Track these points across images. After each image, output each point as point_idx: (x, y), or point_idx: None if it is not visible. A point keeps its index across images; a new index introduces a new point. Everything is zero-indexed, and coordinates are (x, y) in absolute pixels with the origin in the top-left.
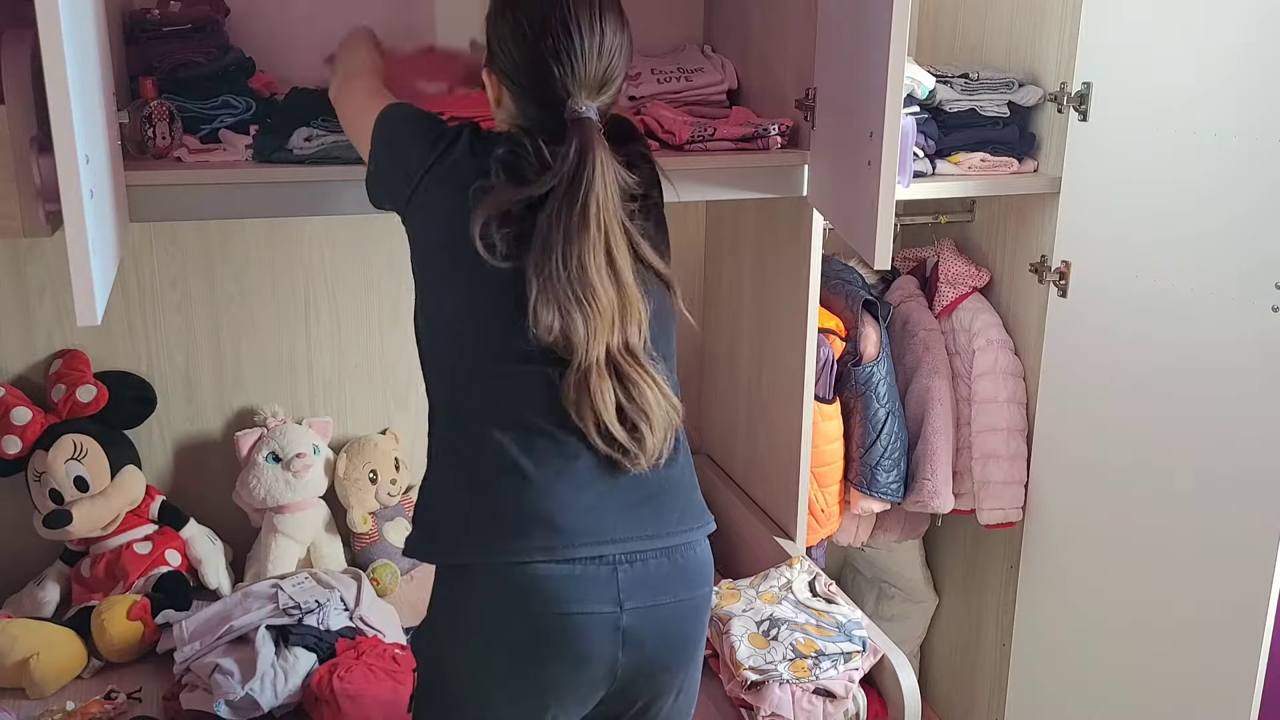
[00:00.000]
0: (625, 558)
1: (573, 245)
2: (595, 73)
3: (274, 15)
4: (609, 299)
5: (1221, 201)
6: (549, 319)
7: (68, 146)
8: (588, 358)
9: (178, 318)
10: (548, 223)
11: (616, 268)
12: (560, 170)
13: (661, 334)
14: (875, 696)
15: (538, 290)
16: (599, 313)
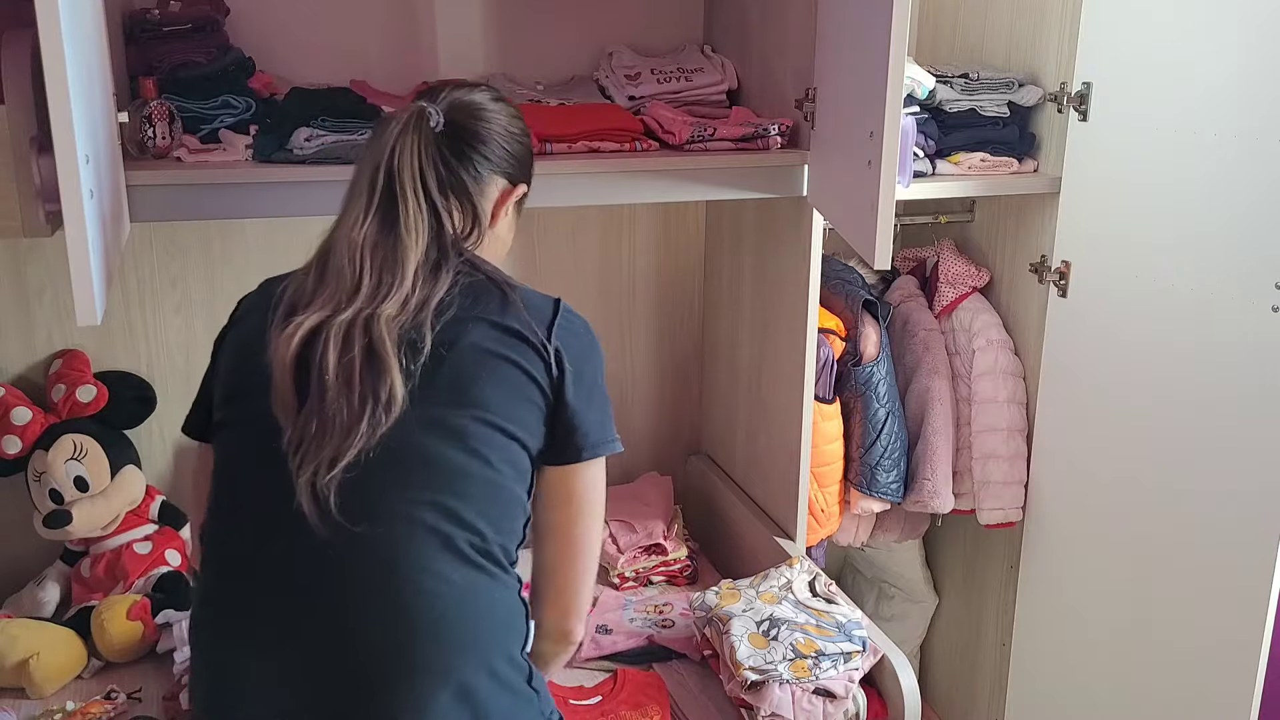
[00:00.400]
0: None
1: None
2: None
3: (274, 15)
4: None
5: (1221, 201)
6: None
7: (68, 146)
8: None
9: (178, 318)
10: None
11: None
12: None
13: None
14: (875, 696)
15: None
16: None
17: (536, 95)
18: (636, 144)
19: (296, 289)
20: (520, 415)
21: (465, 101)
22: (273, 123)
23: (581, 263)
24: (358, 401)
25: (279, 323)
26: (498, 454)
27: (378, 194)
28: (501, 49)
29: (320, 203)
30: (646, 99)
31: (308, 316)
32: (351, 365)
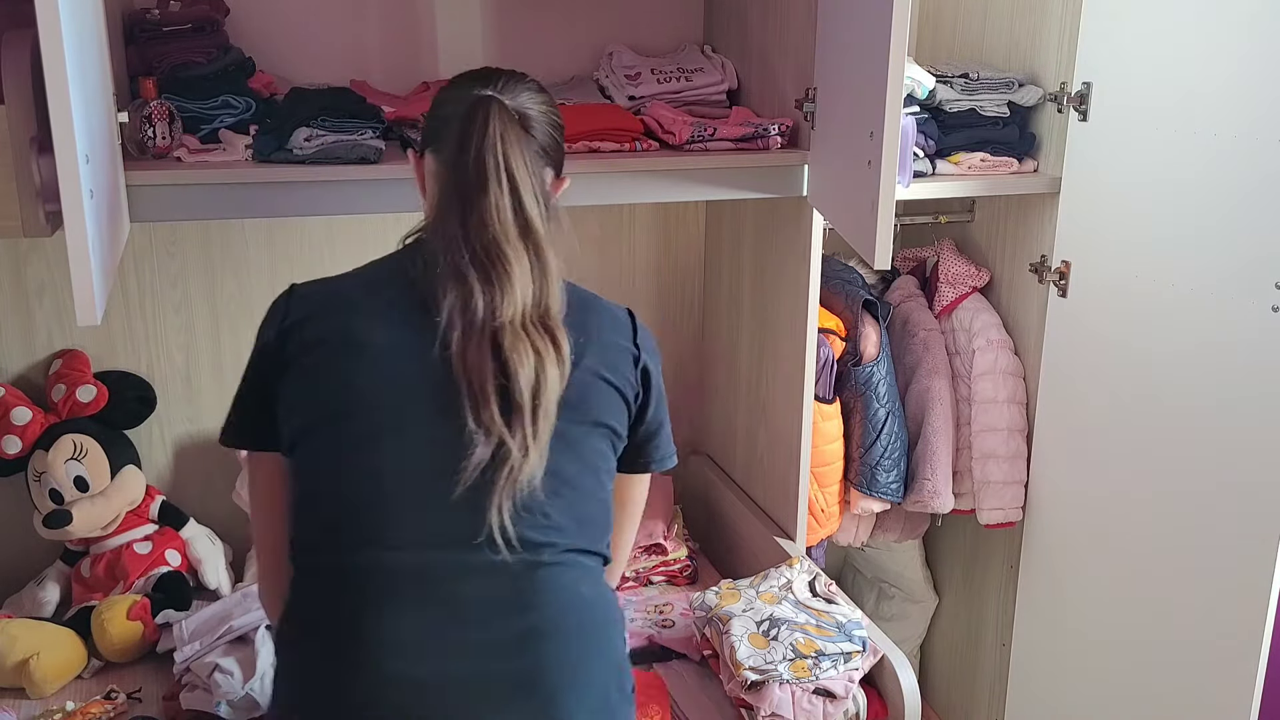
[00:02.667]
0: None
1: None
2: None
3: (274, 15)
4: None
5: (1221, 201)
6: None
7: (68, 146)
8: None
9: (178, 318)
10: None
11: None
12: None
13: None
14: (875, 696)
15: None
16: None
17: None
18: (636, 144)
19: (426, 287)
20: (622, 430)
21: (518, 89)
22: (273, 123)
23: (581, 263)
24: (539, 416)
25: (441, 327)
26: (605, 466)
27: (505, 185)
28: (501, 49)
29: (320, 203)
30: (646, 99)
31: (479, 318)
32: (541, 371)
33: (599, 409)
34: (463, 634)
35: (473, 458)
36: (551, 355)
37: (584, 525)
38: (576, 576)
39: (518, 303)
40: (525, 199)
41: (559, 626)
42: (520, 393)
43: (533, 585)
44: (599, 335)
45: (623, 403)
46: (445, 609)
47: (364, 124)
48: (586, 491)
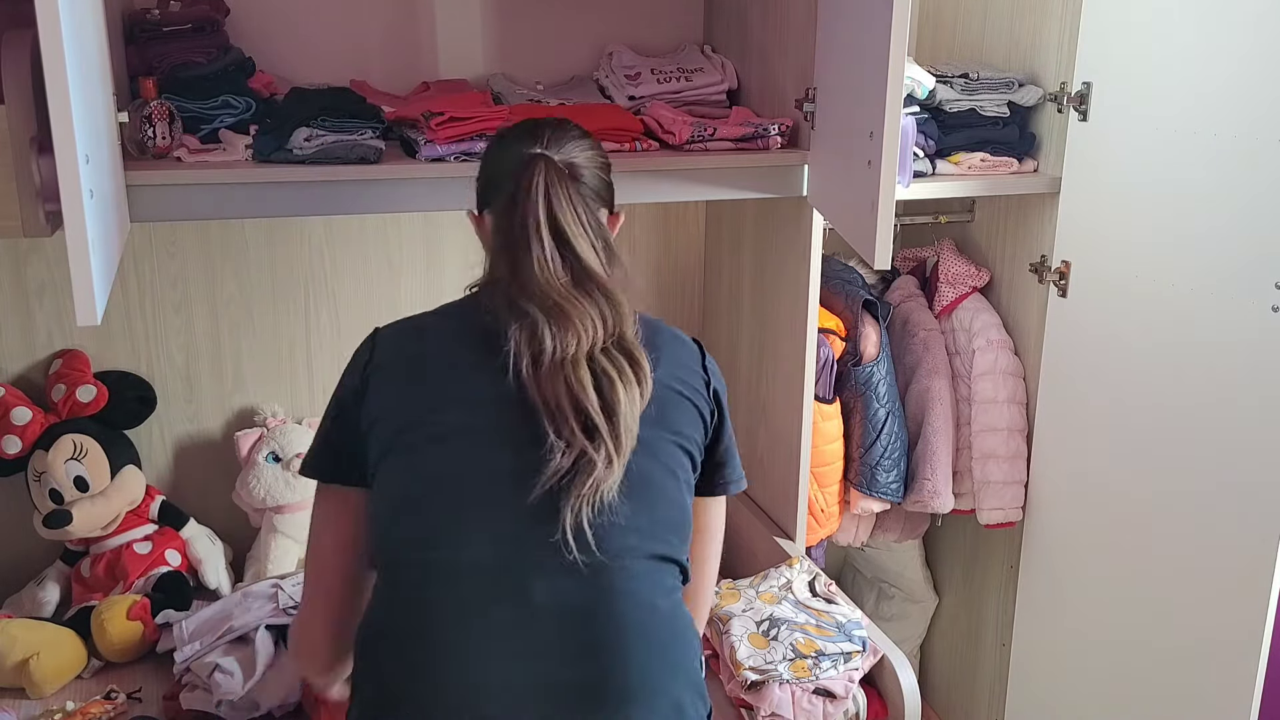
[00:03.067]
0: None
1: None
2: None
3: (274, 15)
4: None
5: (1221, 201)
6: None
7: (68, 146)
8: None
9: (178, 318)
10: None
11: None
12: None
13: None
14: (875, 696)
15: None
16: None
17: (536, 95)
18: (636, 144)
19: (493, 325)
20: (698, 447)
21: (564, 140)
22: (273, 123)
23: None
24: (619, 430)
25: (534, 364)
26: (684, 475)
27: (546, 240)
28: (501, 49)
29: (320, 203)
30: (646, 99)
31: (546, 349)
32: (615, 390)
33: (677, 420)
34: (530, 638)
35: (551, 464)
36: (630, 374)
37: (661, 527)
38: (651, 586)
39: (585, 338)
40: (579, 248)
41: (626, 637)
42: (597, 409)
43: (604, 593)
44: (670, 353)
45: (699, 417)
46: (515, 611)
47: (364, 124)
48: (665, 494)
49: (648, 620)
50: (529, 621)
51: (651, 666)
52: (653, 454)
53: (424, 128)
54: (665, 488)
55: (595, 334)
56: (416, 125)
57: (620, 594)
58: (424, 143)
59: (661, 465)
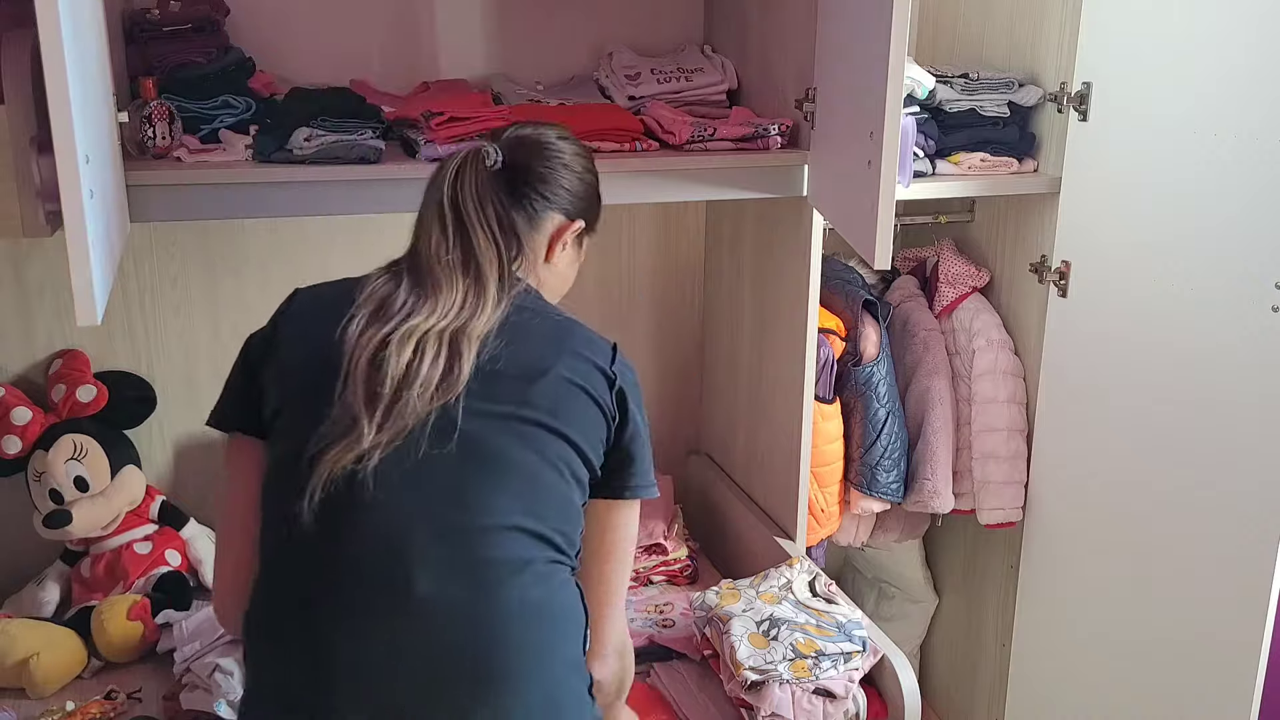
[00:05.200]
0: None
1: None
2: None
3: (274, 15)
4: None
5: (1221, 201)
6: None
7: (68, 146)
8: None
9: (178, 318)
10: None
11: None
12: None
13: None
14: (875, 696)
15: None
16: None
17: (536, 95)
18: (636, 144)
19: (386, 295)
20: (593, 440)
21: (528, 138)
22: (273, 123)
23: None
24: (426, 404)
25: (368, 323)
26: (570, 470)
27: (449, 226)
28: (501, 49)
29: (320, 203)
30: (646, 99)
31: (415, 322)
32: (434, 374)
33: (570, 416)
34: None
35: (319, 430)
36: (440, 364)
37: (537, 513)
38: (521, 577)
39: (436, 316)
40: (474, 237)
41: (489, 629)
42: (383, 382)
43: (468, 589)
44: (573, 351)
45: (600, 416)
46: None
47: (364, 124)
48: (544, 483)
49: (519, 612)
50: (390, 613)
51: (519, 660)
52: (535, 445)
53: (424, 128)
54: (544, 478)
55: (448, 317)
56: (416, 125)
57: (487, 589)
58: (424, 143)
59: (543, 458)
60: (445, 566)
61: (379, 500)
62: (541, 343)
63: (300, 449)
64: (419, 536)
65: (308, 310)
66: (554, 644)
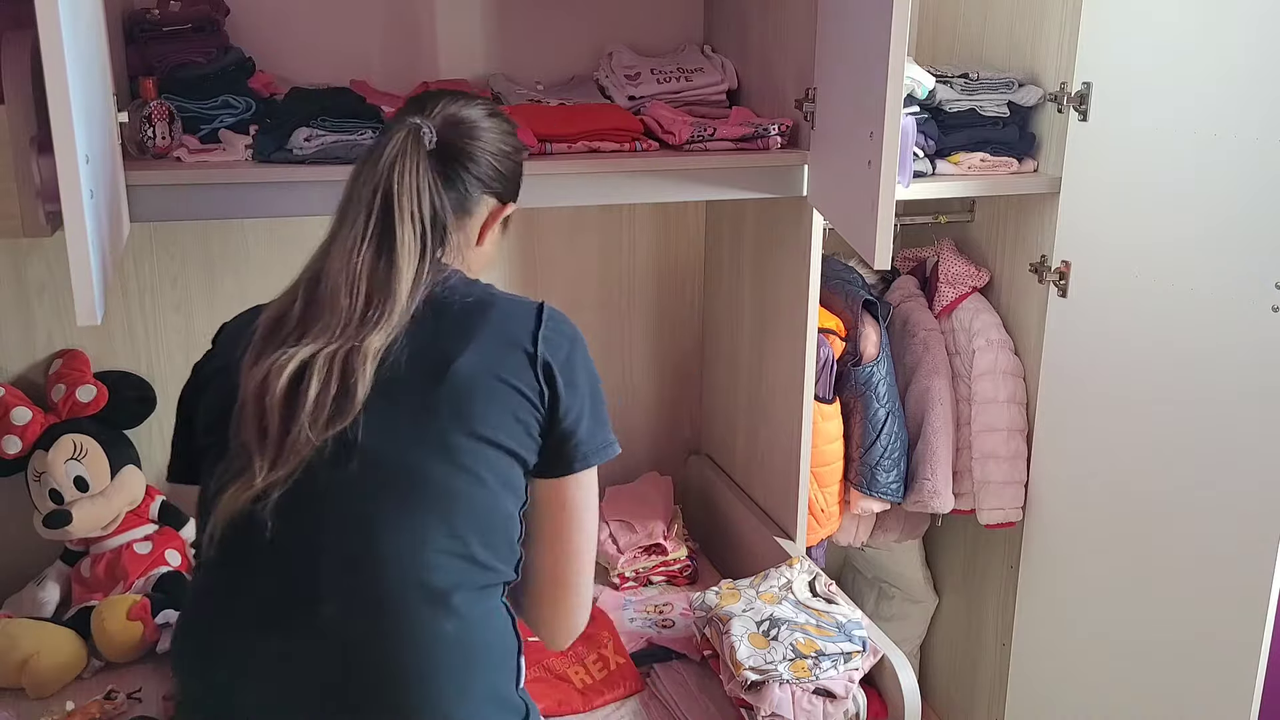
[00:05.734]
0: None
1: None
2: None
3: (274, 15)
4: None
5: (1221, 201)
6: None
7: (68, 146)
8: None
9: (178, 318)
10: None
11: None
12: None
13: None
14: (875, 696)
15: None
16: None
17: (536, 95)
18: (636, 144)
19: (279, 315)
20: (514, 431)
21: (459, 117)
22: (273, 123)
23: (581, 263)
24: (320, 433)
25: (261, 350)
26: (491, 472)
27: (374, 217)
28: (501, 49)
29: (320, 203)
30: (646, 99)
31: (300, 349)
32: (324, 401)
33: (484, 415)
34: (290, 670)
35: (218, 468)
36: (331, 388)
37: (463, 537)
38: (434, 608)
39: (326, 337)
40: (398, 228)
41: (398, 669)
42: (269, 416)
43: (376, 623)
44: (488, 337)
45: (523, 401)
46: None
47: (364, 124)
48: (464, 500)
49: (429, 646)
50: (292, 648)
51: (430, 695)
52: (449, 456)
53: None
54: (461, 490)
55: (341, 336)
56: None
57: (397, 619)
58: None
59: (469, 475)
60: (352, 598)
61: (280, 537)
62: (450, 334)
63: (207, 487)
64: (324, 569)
65: (224, 344)
66: (470, 679)
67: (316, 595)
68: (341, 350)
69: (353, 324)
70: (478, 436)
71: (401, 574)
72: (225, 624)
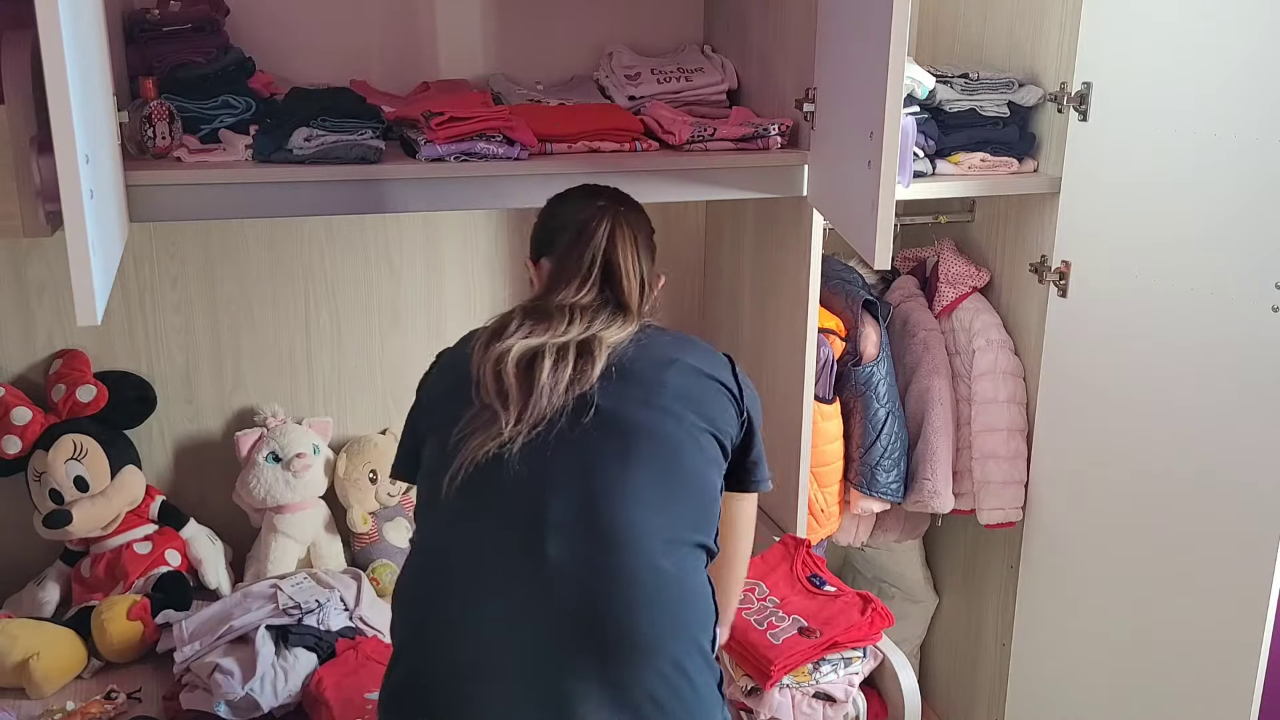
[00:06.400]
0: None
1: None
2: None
3: (274, 15)
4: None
5: (1221, 201)
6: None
7: (68, 146)
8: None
9: (178, 318)
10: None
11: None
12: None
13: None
14: (875, 697)
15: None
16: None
17: (536, 95)
18: (636, 144)
19: (499, 328)
20: (725, 425)
21: (627, 202)
22: (273, 123)
23: None
24: (562, 395)
25: (489, 343)
26: (708, 446)
27: (595, 273)
28: (501, 49)
29: (319, 202)
30: (646, 99)
31: (529, 339)
32: (562, 372)
33: (710, 407)
34: (527, 591)
35: (458, 425)
36: (568, 365)
37: (678, 496)
38: (655, 546)
39: (553, 332)
40: (624, 284)
41: (625, 591)
42: (513, 379)
43: (602, 551)
44: (701, 353)
45: (734, 414)
46: (513, 566)
47: (364, 124)
48: (685, 464)
49: (649, 579)
50: (528, 575)
51: (648, 623)
52: (675, 421)
53: (424, 128)
54: (687, 459)
55: (570, 331)
56: (416, 125)
57: (620, 551)
58: (424, 143)
59: (690, 439)
60: (579, 531)
61: (520, 474)
62: (668, 345)
63: (444, 441)
64: (554, 509)
65: (447, 365)
66: (684, 622)
67: (549, 532)
68: (576, 338)
69: (586, 325)
70: (700, 414)
71: (626, 516)
72: (466, 560)
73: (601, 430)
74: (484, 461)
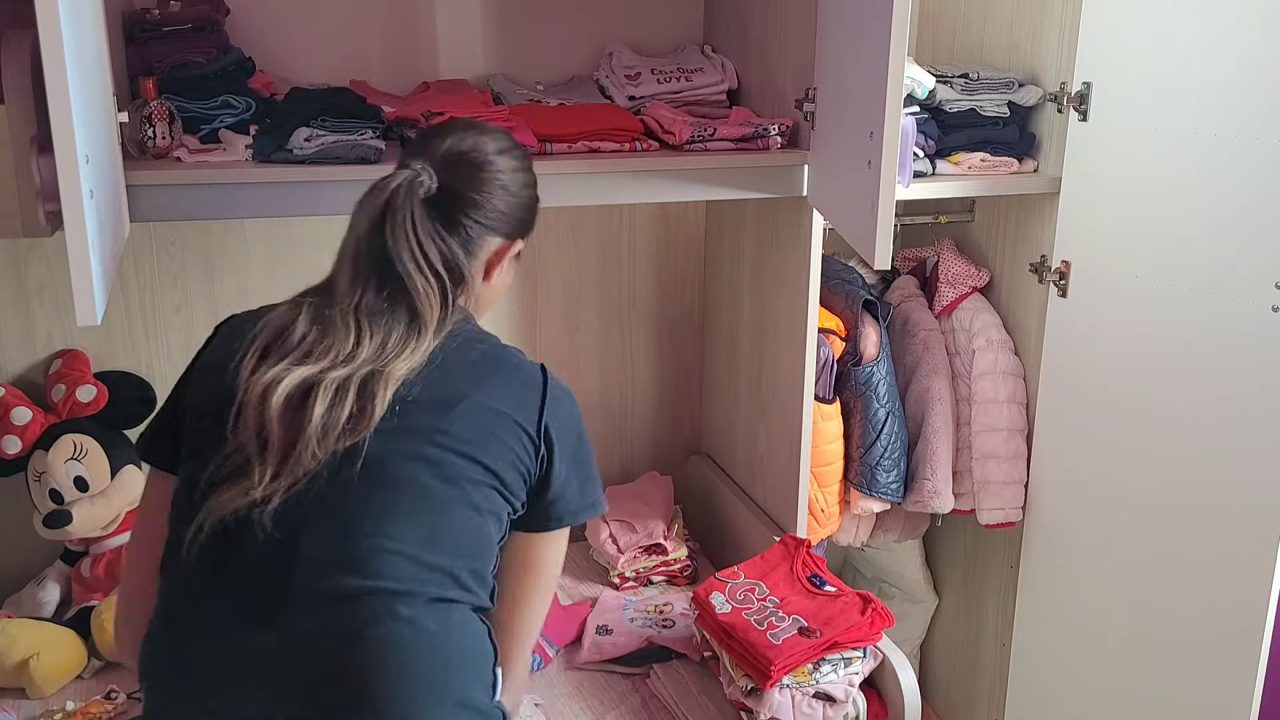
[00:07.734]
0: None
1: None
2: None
3: (274, 15)
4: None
5: (1221, 201)
6: None
7: (68, 146)
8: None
9: (178, 318)
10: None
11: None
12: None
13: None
14: (875, 697)
15: None
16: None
17: (536, 95)
18: (636, 144)
19: (284, 327)
20: (510, 472)
21: (464, 156)
22: (273, 123)
23: (582, 263)
24: (327, 450)
25: (262, 357)
26: (484, 499)
27: (375, 268)
28: (501, 49)
29: (320, 202)
30: (646, 99)
31: (304, 368)
32: (335, 420)
33: (488, 445)
34: (272, 668)
35: (211, 466)
36: (346, 408)
37: (445, 547)
38: (418, 607)
39: (341, 362)
40: (408, 283)
41: (378, 661)
42: (275, 423)
43: (351, 619)
44: (501, 383)
45: (526, 443)
46: (248, 636)
47: (364, 124)
48: (452, 514)
49: (409, 644)
50: (274, 655)
51: (407, 697)
52: (448, 475)
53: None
54: (456, 518)
55: (356, 356)
56: (417, 125)
57: (376, 622)
58: None
59: (461, 497)
60: (328, 606)
61: (269, 541)
62: (464, 378)
63: (193, 480)
64: (300, 572)
65: (223, 338)
66: (444, 683)
67: (291, 597)
68: (359, 374)
69: (374, 351)
70: (483, 464)
71: (375, 571)
72: (203, 626)
73: (366, 483)
74: (231, 521)
